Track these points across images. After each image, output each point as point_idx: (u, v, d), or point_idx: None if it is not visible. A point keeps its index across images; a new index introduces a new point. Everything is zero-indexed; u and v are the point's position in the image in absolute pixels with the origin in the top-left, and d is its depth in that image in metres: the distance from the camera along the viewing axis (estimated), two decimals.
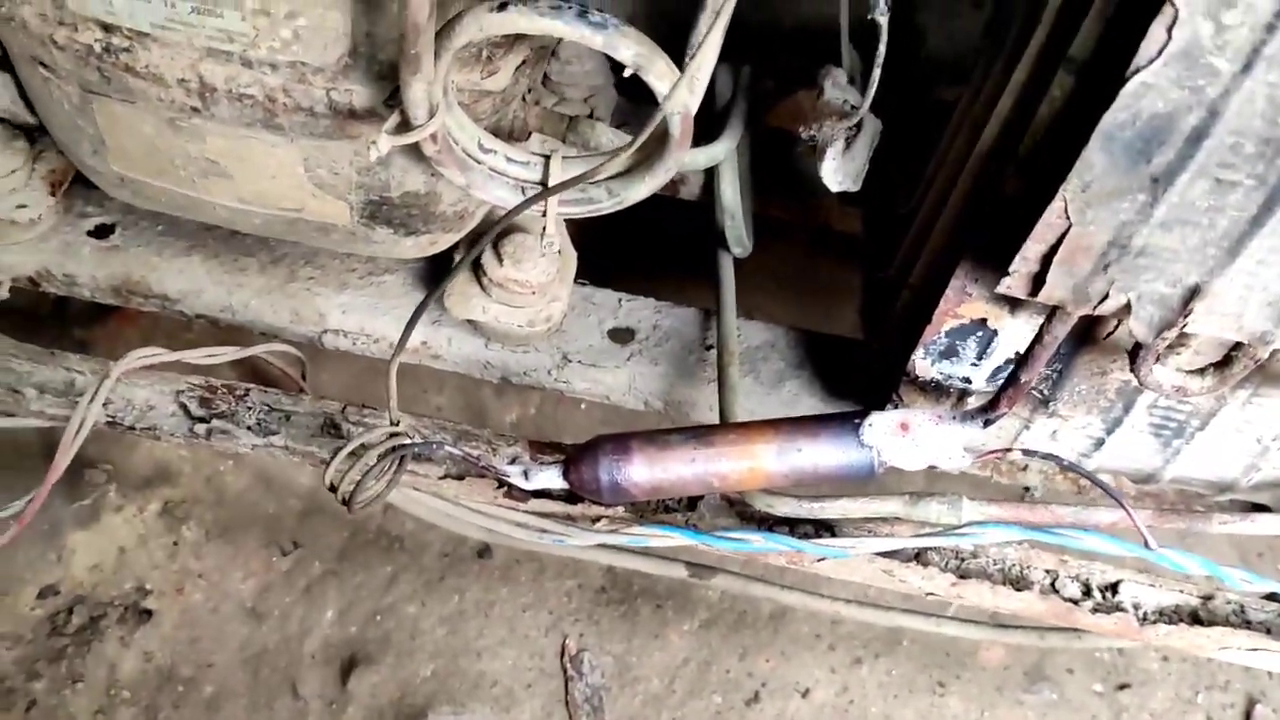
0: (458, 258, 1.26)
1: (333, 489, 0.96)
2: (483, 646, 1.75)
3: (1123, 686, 1.85)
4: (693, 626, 1.80)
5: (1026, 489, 1.38)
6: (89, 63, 0.99)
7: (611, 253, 1.53)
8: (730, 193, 1.30)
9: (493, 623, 1.77)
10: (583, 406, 1.97)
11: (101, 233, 1.34)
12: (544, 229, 1.06)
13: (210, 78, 0.98)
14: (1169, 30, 0.67)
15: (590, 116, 1.33)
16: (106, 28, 0.95)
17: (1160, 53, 0.69)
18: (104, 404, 1.09)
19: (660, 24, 1.04)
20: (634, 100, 1.43)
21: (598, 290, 1.39)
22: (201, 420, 1.11)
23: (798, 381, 1.33)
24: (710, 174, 1.36)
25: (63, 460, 0.98)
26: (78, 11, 0.95)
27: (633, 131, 1.23)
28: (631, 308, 1.37)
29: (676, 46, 0.90)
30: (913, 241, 1.12)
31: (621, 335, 1.35)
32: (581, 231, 1.32)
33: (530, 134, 1.21)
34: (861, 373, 1.27)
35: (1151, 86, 0.70)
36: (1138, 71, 0.70)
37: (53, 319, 1.72)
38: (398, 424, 1.01)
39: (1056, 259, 0.82)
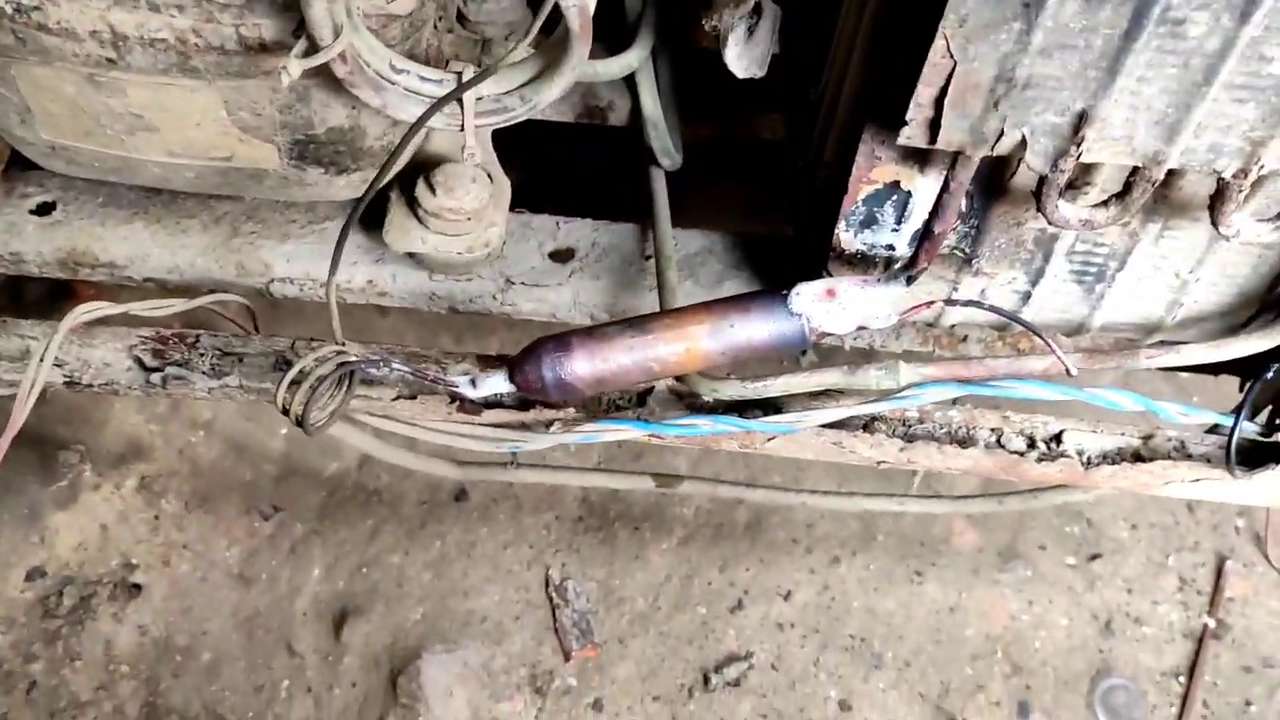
0: (392, 194, 1.29)
1: (285, 411, 0.99)
2: (469, 586, 1.79)
3: (1094, 557, 1.91)
4: (671, 544, 1.84)
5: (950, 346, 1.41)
6: (2, 26, 1.00)
7: (551, 191, 1.56)
8: (650, 102, 1.33)
9: (476, 562, 1.81)
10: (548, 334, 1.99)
11: (43, 210, 1.36)
12: (465, 144, 1.08)
13: (121, 26, 1.00)
14: None
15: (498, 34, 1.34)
16: None
17: None
18: (59, 364, 1.12)
19: None
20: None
21: (535, 216, 1.41)
22: (156, 370, 1.13)
23: (736, 281, 1.36)
24: (635, 97, 1.39)
25: (19, 415, 1.01)
26: None
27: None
28: (570, 228, 1.40)
29: None
30: (823, 121, 1.15)
31: (562, 255, 1.38)
32: (522, 174, 1.35)
33: (447, 62, 1.23)
34: (795, 262, 1.30)
35: None
36: None
37: (7, 308, 1.74)
38: (344, 345, 1.04)
39: (948, 101, 0.85)
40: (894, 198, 1.06)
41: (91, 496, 1.76)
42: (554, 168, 1.65)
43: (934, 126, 0.87)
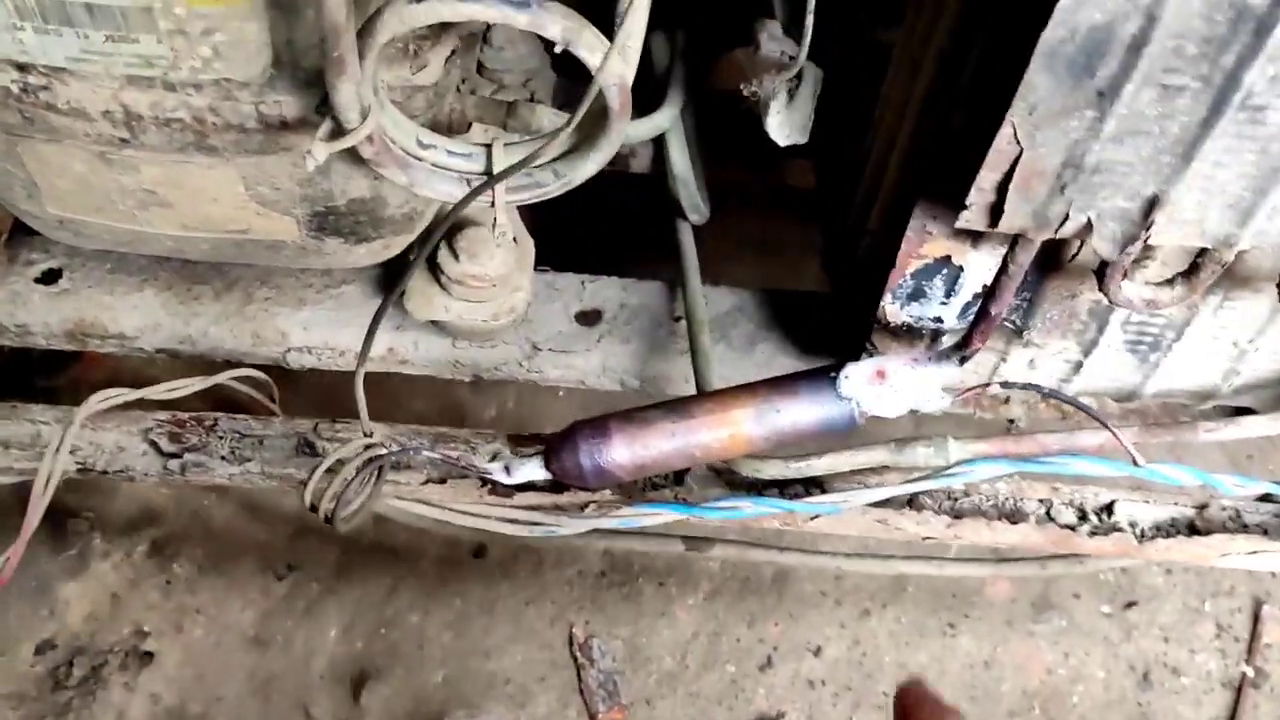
0: (413, 259, 1.24)
1: (313, 509, 0.94)
2: (491, 646, 1.74)
3: (1130, 605, 1.86)
4: (698, 600, 1.80)
5: (1011, 422, 1.37)
6: (8, 105, 0.96)
7: (572, 238, 1.52)
8: (680, 160, 1.29)
9: (497, 620, 1.76)
10: (560, 394, 1.95)
11: (49, 278, 1.31)
12: (495, 220, 1.04)
13: (135, 106, 0.95)
14: None
15: (530, 100, 1.31)
16: (21, 67, 0.92)
17: None
18: (71, 451, 1.07)
19: None
20: (574, 79, 1.41)
21: (560, 275, 1.37)
22: (174, 456, 1.09)
23: (769, 343, 1.32)
24: (659, 145, 1.35)
25: (34, 514, 0.96)
26: None
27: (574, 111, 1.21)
28: (596, 288, 1.36)
29: (606, 18, 0.89)
30: (868, 187, 1.11)
31: (589, 317, 1.33)
32: (539, 219, 1.31)
33: (470, 125, 1.19)
34: (831, 326, 1.26)
35: None
36: None
37: (12, 371, 1.69)
38: (371, 434, 0.99)
39: (1012, 186, 0.81)
40: (944, 272, 1.01)
41: (101, 564, 1.71)
42: (575, 214, 1.60)
43: (996, 211, 0.83)
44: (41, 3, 0.87)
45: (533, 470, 1.00)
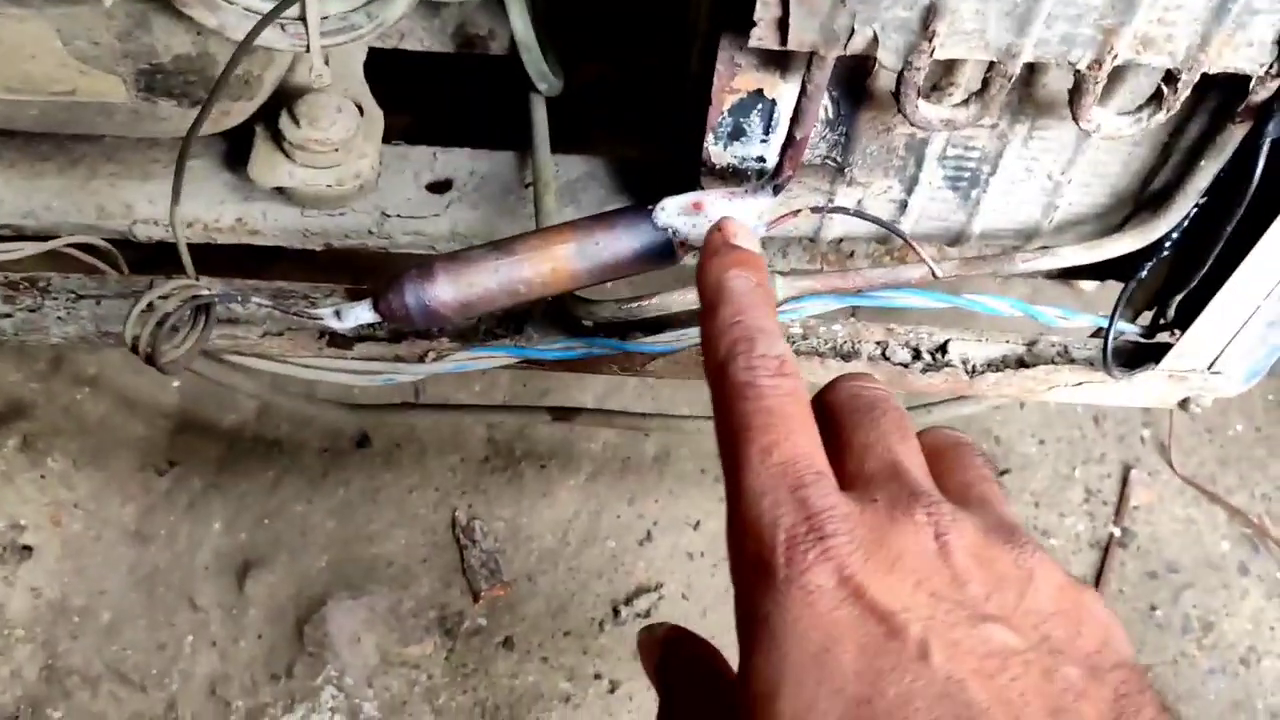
0: (258, 128, 1.24)
1: (134, 349, 0.95)
2: (374, 532, 1.76)
3: (1003, 472, 1.92)
4: (579, 481, 1.83)
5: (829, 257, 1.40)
6: None
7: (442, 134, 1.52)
8: (521, 24, 1.29)
9: (380, 507, 1.78)
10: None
11: None
12: (312, 66, 1.04)
13: None
14: None
15: None
16: None
17: None
18: None
19: None
20: None
21: (411, 148, 1.37)
22: (6, 316, 1.09)
23: (620, 205, 1.33)
24: None
25: None
26: None
27: None
28: (447, 159, 1.36)
29: None
30: (689, 34, 1.12)
31: (439, 186, 1.34)
32: (412, 117, 1.30)
33: None
34: (670, 181, 1.28)
35: None
36: None
37: None
38: (197, 280, 1.00)
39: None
40: (759, 107, 1.03)
41: None
42: (439, 104, 1.60)
43: (783, 26, 0.85)
44: None
45: (362, 313, 1.01)
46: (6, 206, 1.28)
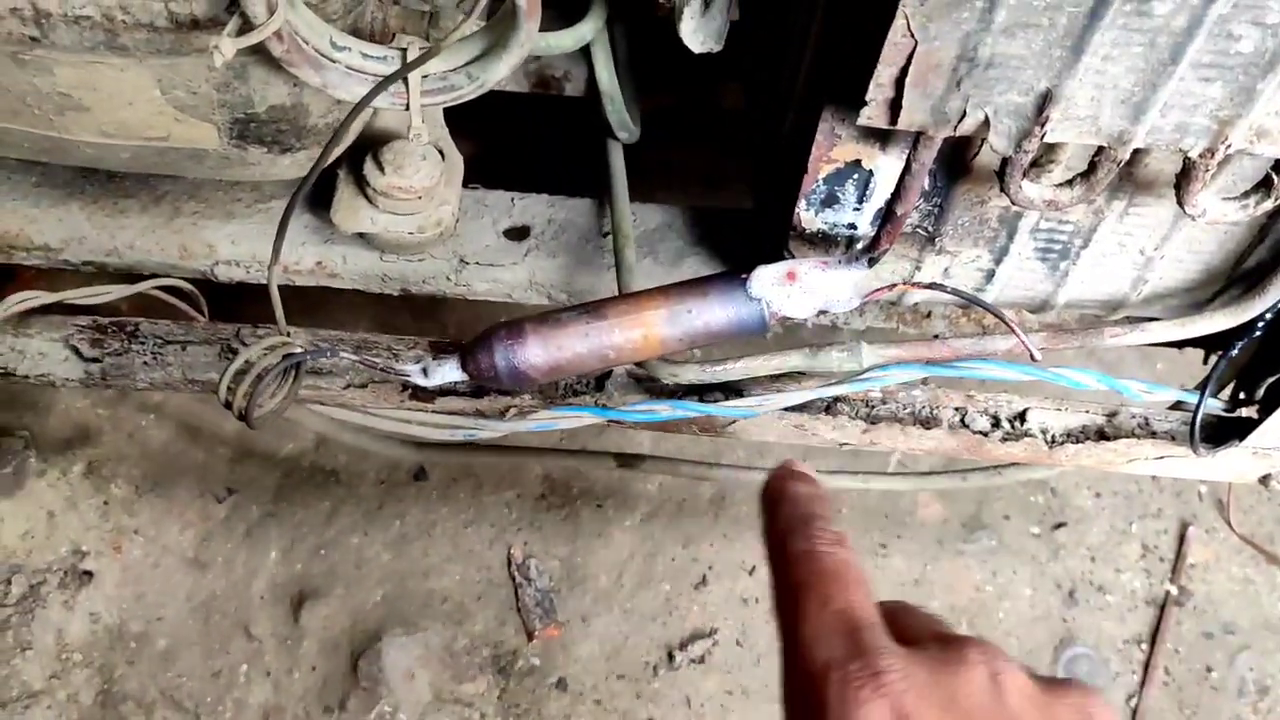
0: (340, 172, 1.25)
1: (228, 406, 0.95)
2: (429, 566, 1.76)
3: (1059, 526, 1.90)
4: (634, 522, 1.82)
5: (936, 337, 1.39)
6: None
7: (509, 164, 1.52)
8: (606, 75, 1.29)
9: (436, 542, 1.78)
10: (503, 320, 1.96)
11: None
12: (411, 123, 1.04)
13: (42, 3, 0.95)
14: None
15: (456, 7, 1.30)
16: None
17: None
18: None
19: None
20: None
21: (490, 192, 1.37)
22: (95, 361, 1.09)
23: (697, 258, 1.33)
24: (592, 66, 1.35)
25: None
26: None
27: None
28: (525, 205, 1.36)
29: None
30: (783, 95, 1.12)
31: (517, 233, 1.34)
32: (480, 148, 1.30)
33: (393, 35, 1.19)
34: (756, 239, 1.27)
35: None
36: None
37: None
38: (289, 335, 1.00)
39: (909, 81, 0.82)
40: (855, 176, 1.03)
41: (37, 483, 1.71)
42: (511, 140, 1.61)
43: (895, 107, 0.84)
44: None
45: (450, 372, 1.01)
46: (90, 243, 1.28)
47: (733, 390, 1.13)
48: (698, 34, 1.07)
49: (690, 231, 1.36)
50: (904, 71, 0.81)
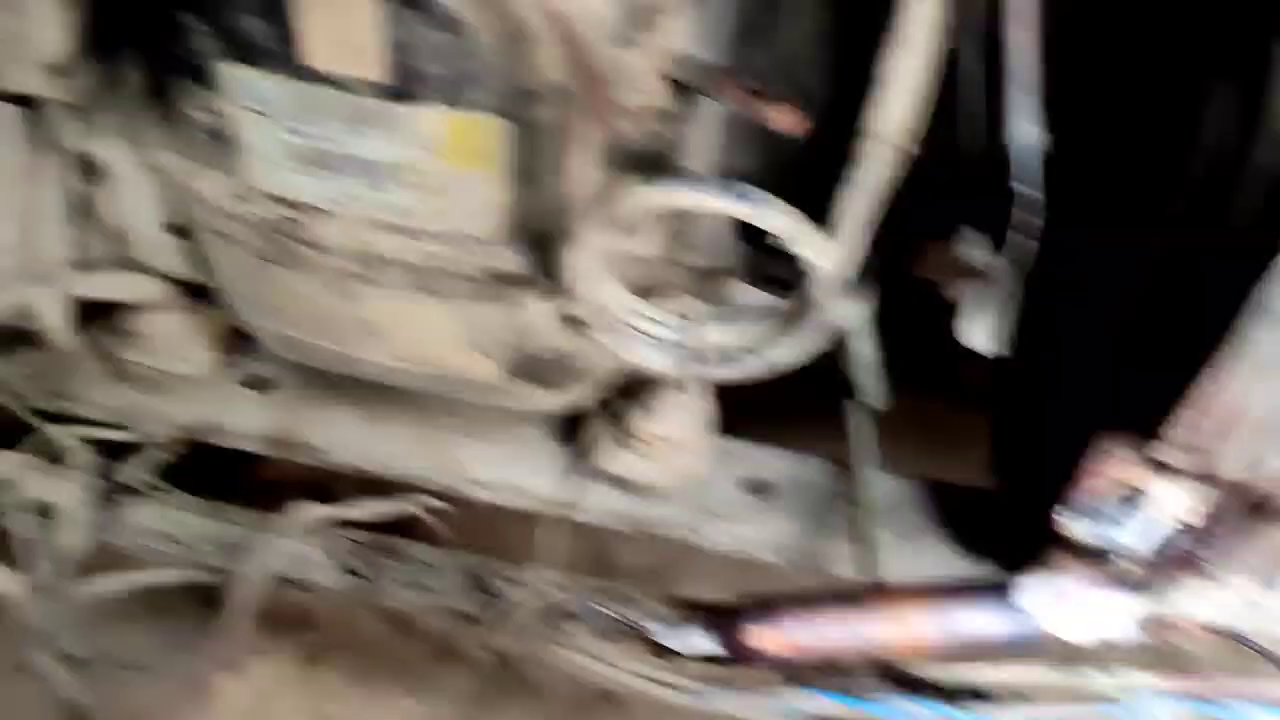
0: (597, 412, 1.29)
1: (486, 648, 0.97)
2: None
3: None
4: None
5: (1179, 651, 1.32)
6: (267, 235, 1.04)
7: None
8: (866, 348, 1.30)
9: None
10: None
11: (255, 384, 1.39)
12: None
13: (375, 247, 1.03)
14: None
15: (722, 269, 1.35)
16: (286, 203, 1.01)
17: None
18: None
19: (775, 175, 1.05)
20: (760, 249, 1.45)
21: (731, 442, 1.38)
22: (353, 574, 1.13)
23: (935, 537, 1.30)
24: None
25: (237, 623, 1.01)
26: (259, 188, 1.00)
27: (769, 288, 1.24)
28: (764, 459, 1.37)
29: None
30: (1051, 398, 1.11)
31: (757, 488, 1.34)
32: None
33: (670, 292, 1.23)
34: (1000, 530, 1.25)
35: None
36: None
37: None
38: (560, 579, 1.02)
39: (1229, 436, 0.80)
40: (1128, 495, 1.00)
41: (253, 661, 1.75)
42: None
43: (1205, 456, 0.82)
44: (316, 151, 0.95)
45: (700, 641, 1.01)
46: (353, 449, 1.35)
47: (983, 696, 1.09)
48: (975, 334, 1.07)
49: (927, 506, 1.34)
50: (1221, 426, 0.80)
